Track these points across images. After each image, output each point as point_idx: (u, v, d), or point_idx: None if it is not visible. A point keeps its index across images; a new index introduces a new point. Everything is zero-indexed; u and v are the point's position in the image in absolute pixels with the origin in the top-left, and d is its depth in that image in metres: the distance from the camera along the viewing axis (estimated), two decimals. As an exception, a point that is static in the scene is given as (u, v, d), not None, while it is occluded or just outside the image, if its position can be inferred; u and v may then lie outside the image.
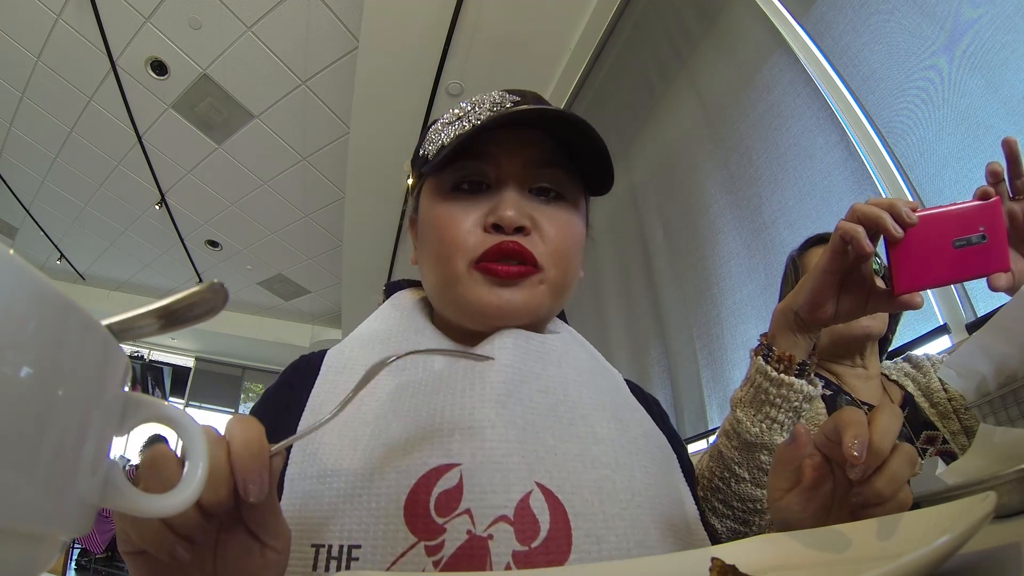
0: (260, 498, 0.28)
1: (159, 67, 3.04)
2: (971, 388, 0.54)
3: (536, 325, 0.50)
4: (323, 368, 0.48)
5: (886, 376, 1.02)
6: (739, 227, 1.69)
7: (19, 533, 0.17)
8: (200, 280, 5.11)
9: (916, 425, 0.91)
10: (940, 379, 0.95)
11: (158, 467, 0.26)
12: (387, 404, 0.43)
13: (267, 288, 5.57)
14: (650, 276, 2.15)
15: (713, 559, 0.28)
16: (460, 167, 0.49)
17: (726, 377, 1.71)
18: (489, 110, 0.48)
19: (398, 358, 0.37)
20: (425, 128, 0.55)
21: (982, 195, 0.51)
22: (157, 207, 4.22)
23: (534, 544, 0.36)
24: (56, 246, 5.05)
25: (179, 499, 0.23)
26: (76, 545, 3.63)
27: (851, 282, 0.51)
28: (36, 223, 4.74)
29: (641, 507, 0.41)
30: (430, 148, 0.50)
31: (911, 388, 0.97)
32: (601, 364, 0.55)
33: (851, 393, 0.96)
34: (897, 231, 0.47)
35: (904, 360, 1.04)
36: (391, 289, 0.59)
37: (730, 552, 0.32)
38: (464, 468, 0.38)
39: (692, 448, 1.80)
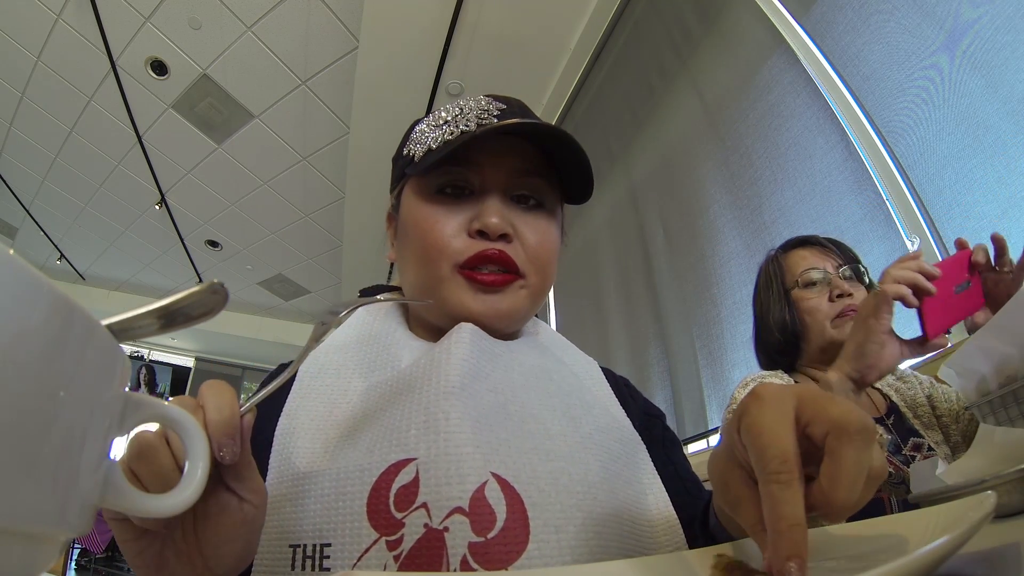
0: (234, 459, 0.30)
1: (159, 67, 3.04)
2: (971, 388, 0.54)
3: (511, 328, 0.52)
4: (299, 375, 0.49)
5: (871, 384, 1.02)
6: (739, 227, 1.69)
7: (19, 533, 0.17)
8: (200, 280, 5.12)
9: (902, 432, 0.91)
10: (926, 394, 0.97)
11: (148, 459, 0.28)
12: (357, 406, 0.45)
13: (267, 288, 5.57)
14: (650, 276, 2.15)
15: (718, 555, 0.28)
16: (445, 172, 0.50)
17: (726, 377, 1.71)
18: (478, 117, 0.49)
19: (348, 312, 0.38)
20: (410, 128, 0.56)
21: (961, 246, 0.64)
22: (157, 207, 4.22)
23: (490, 535, 0.36)
24: (56, 246, 5.05)
25: (179, 499, 0.24)
26: (76, 545, 3.62)
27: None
28: (36, 223, 4.74)
29: (596, 499, 0.41)
30: (415, 149, 0.51)
31: (895, 398, 0.98)
32: (557, 363, 0.53)
33: None
34: (931, 288, 0.58)
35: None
36: (365, 295, 0.60)
37: (727, 552, 0.31)
38: (420, 462, 0.39)
39: (693, 448, 1.80)
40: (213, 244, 4.82)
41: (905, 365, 1.12)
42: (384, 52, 2.55)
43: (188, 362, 7.35)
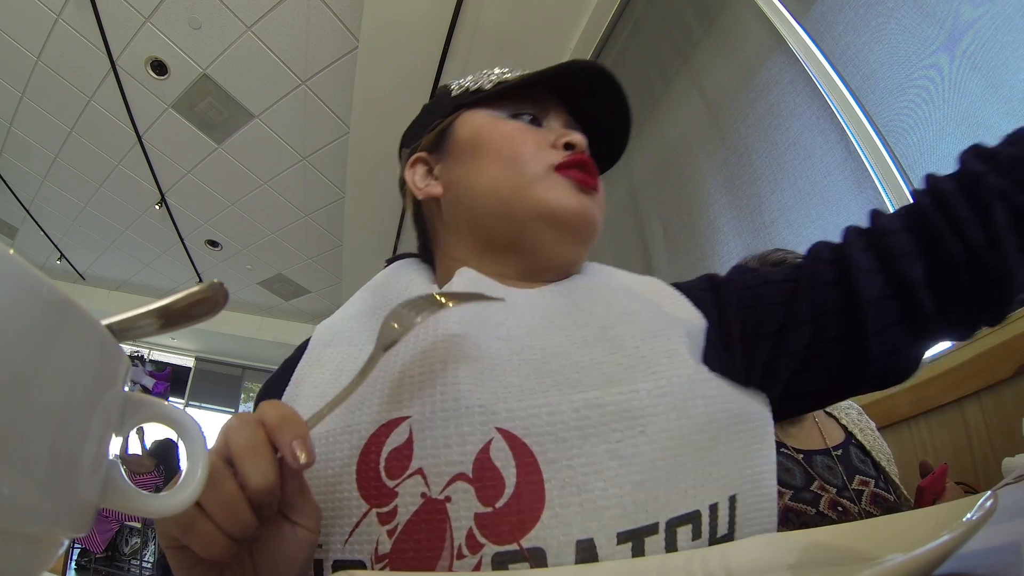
0: (311, 460, 0.28)
1: (159, 67, 3.04)
2: None
3: (587, 247, 0.50)
4: (311, 343, 0.47)
5: (829, 414, 1.02)
6: (739, 227, 1.69)
7: (19, 533, 0.17)
8: (200, 280, 5.11)
9: (848, 467, 0.91)
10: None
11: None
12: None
13: (267, 288, 5.57)
14: (650, 276, 2.15)
15: None
16: (516, 103, 0.50)
17: (726, 377, 1.71)
18: (525, 72, 0.51)
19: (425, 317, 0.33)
20: (440, 87, 0.58)
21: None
22: (157, 207, 4.22)
23: (499, 504, 0.31)
24: (56, 246, 5.05)
25: (179, 499, 0.24)
26: (76, 545, 3.62)
27: None
28: (36, 223, 4.74)
29: (645, 432, 0.32)
30: (469, 84, 0.53)
31: (853, 429, 0.98)
32: (591, 292, 0.46)
33: (782, 440, 0.94)
34: None
35: (851, 407, 1.05)
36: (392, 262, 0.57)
37: (729, 552, 0.31)
38: (413, 421, 0.34)
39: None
40: (213, 244, 4.82)
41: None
42: (384, 52, 2.55)
43: (188, 362, 7.35)
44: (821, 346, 0.40)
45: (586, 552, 0.29)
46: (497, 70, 0.53)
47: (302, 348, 0.49)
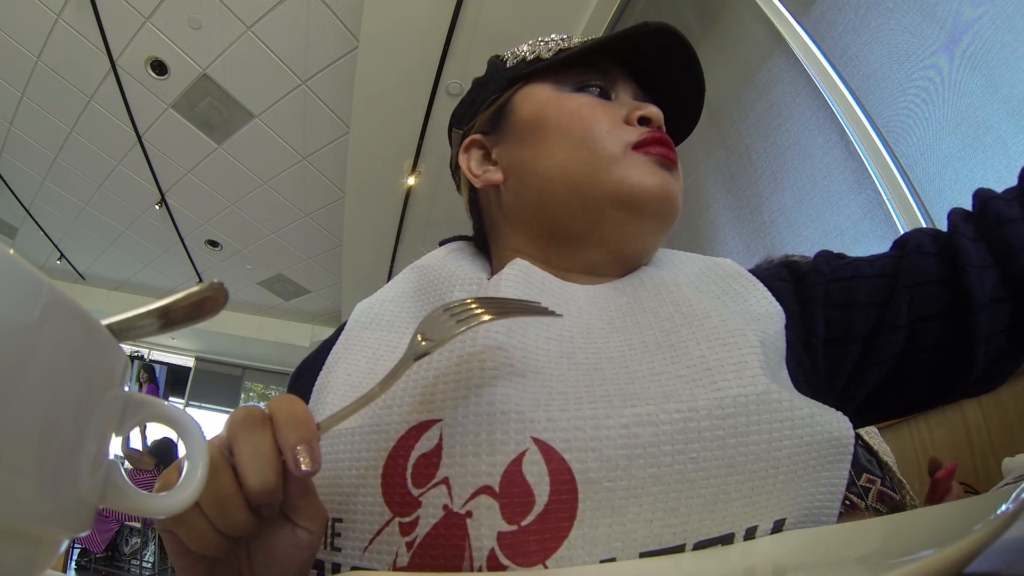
0: (315, 468, 0.25)
1: (159, 67, 3.04)
2: None
3: (667, 229, 0.44)
4: (348, 323, 0.44)
5: None
6: (739, 227, 1.69)
7: (19, 533, 0.17)
8: (200, 280, 5.11)
9: (856, 467, 0.92)
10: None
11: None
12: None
13: (267, 288, 5.57)
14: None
15: None
16: (583, 73, 0.45)
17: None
18: (586, 40, 0.46)
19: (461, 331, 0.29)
20: (494, 58, 0.51)
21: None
22: (157, 207, 4.22)
23: (524, 522, 0.28)
24: (56, 246, 5.05)
25: (179, 499, 0.23)
26: (76, 545, 3.63)
27: None
28: (36, 223, 4.74)
29: (698, 459, 0.29)
30: (526, 52, 0.47)
31: (858, 429, 0.99)
32: (658, 285, 0.41)
33: None
34: None
35: None
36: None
37: (752, 549, 0.28)
38: (445, 425, 0.31)
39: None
40: (213, 244, 4.82)
41: None
42: (384, 52, 2.55)
43: (188, 362, 7.35)
44: (918, 354, 0.36)
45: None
46: (555, 36, 0.47)
47: (340, 329, 0.45)
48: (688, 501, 0.29)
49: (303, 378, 0.44)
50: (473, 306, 0.30)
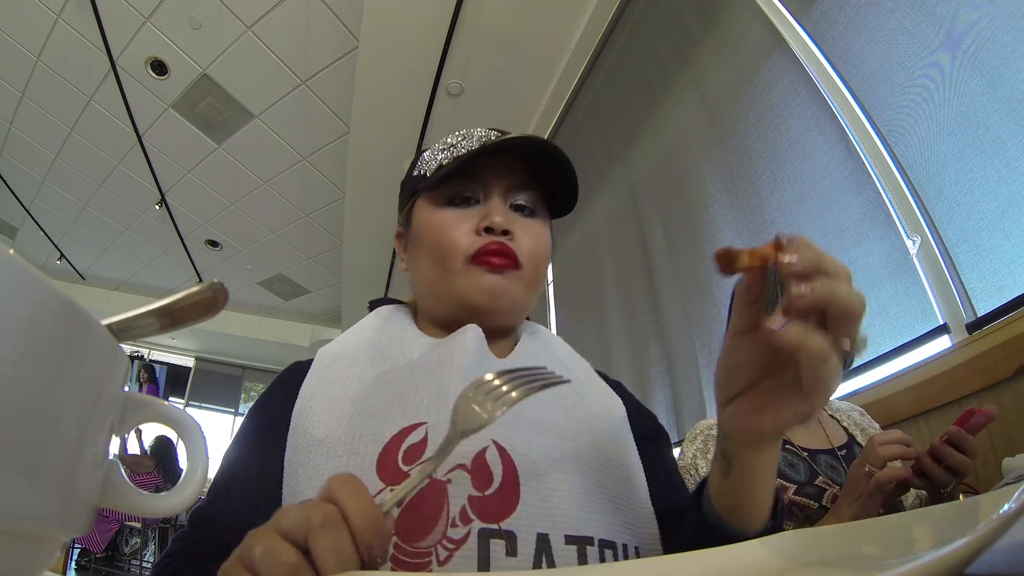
0: (385, 561, 0.30)
1: (159, 67, 3.04)
2: None
3: (513, 315, 0.57)
4: (314, 364, 0.53)
5: (832, 416, 1.03)
6: (739, 227, 1.69)
7: (19, 533, 0.17)
8: (200, 280, 5.11)
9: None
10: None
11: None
12: (370, 386, 0.49)
13: (267, 288, 5.57)
14: (650, 276, 2.15)
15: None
16: (454, 185, 0.56)
17: (726, 377, 1.71)
18: (479, 140, 0.56)
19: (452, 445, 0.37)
20: (418, 154, 0.63)
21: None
22: (157, 207, 4.23)
23: (487, 492, 0.40)
24: (56, 246, 5.05)
25: (179, 499, 0.24)
26: (76, 545, 3.63)
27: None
28: (36, 223, 4.75)
29: (584, 475, 0.45)
30: (426, 168, 0.57)
31: (855, 431, 0.99)
32: (553, 361, 0.58)
33: (789, 439, 0.95)
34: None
35: (852, 409, 1.06)
36: (374, 306, 0.66)
37: (752, 549, 0.29)
38: (430, 425, 0.43)
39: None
40: (213, 244, 4.82)
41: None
42: (384, 52, 2.55)
43: (188, 362, 7.36)
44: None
45: (543, 544, 0.39)
46: (452, 139, 0.58)
47: (291, 370, 0.55)
48: (592, 503, 0.43)
49: (267, 411, 0.52)
50: (504, 388, 0.38)
